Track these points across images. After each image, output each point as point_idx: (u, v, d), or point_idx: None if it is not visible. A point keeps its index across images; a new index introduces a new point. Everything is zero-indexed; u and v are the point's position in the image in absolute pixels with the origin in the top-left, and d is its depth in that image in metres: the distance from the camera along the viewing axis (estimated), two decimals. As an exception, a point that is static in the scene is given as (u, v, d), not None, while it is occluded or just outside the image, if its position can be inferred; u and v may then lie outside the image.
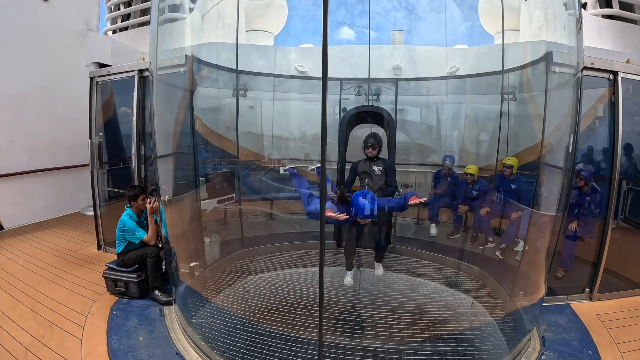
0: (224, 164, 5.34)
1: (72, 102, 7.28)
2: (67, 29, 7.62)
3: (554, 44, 3.62)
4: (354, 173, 4.59)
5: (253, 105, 5.86)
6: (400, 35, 5.77)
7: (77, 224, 6.99)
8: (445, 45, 5.60)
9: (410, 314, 3.95)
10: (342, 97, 5.68)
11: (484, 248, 5.07)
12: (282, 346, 3.34)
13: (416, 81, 5.78)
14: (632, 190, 4.65)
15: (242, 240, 5.50)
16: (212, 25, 4.72)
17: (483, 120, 5.63)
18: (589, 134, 4.59)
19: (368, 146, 4.42)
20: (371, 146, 4.41)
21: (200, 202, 4.55)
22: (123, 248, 4.38)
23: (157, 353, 3.37)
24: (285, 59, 5.81)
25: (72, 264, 5.16)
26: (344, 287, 4.39)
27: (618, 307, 4.33)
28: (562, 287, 4.57)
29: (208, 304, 4.16)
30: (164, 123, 3.90)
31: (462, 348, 3.45)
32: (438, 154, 5.87)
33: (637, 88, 4.38)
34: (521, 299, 3.95)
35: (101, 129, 5.68)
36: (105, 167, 5.82)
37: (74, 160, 7.54)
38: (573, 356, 3.45)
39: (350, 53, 5.71)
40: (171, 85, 4.13)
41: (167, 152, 3.98)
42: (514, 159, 4.81)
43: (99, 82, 5.61)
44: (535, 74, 4.08)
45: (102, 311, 4.01)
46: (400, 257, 5.38)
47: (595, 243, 4.47)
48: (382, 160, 4.50)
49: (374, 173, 4.43)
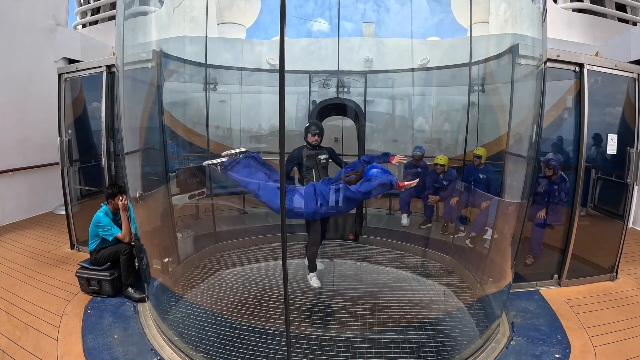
0: (194, 158, 5.28)
1: (42, 100, 7.09)
2: (35, 24, 7.38)
3: (520, 36, 3.70)
4: (292, 163, 4.27)
5: (224, 99, 5.81)
6: (371, 27, 5.79)
7: (49, 224, 6.86)
8: (416, 37, 5.64)
9: (382, 303, 4.01)
10: (312, 90, 5.66)
11: (455, 237, 5.16)
12: (255, 339, 3.36)
13: (385, 73, 5.81)
14: (600, 179, 4.77)
15: (215, 234, 5.47)
16: (181, 19, 4.66)
17: (452, 111, 5.70)
18: (558, 124, 4.68)
19: (314, 134, 4.20)
20: (317, 134, 4.21)
21: (171, 198, 4.51)
22: (96, 245, 4.34)
23: (132, 350, 3.37)
24: (255, 52, 5.77)
25: (46, 265, 5.08)
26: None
27: (587, 293, 4.44)
28: (531, 273, 4.67)
29: (181, 300, 4.15)
30: (131, 119, 3.85)
31: (433, 335, 3.52)
32: (408, 144, 5.90)
33: (605, 80, 4.50)
34: (490, 286, 4.04)
35: (71, 126, 5.56)
36: (77, 165, 5.71)
37: (44, 158, 7.35)
38: (542, 341, 3.53)
39: (319, 45, 5.70)
40: (139, 80, 4.07)
41: (135, 149, 3.93)
42: (482, 149, 4.90)
43: (67, 78, 5.47)
44: (502, 66, 4.16)
45: (76, 311, 3.98)
46: (372, 248, 5.44)
47: (563, 230, 4.58)
48: (324, 149, 4.35)
49: (320, 162, 4.26)
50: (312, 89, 5.73)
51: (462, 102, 5.00)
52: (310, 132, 4.22)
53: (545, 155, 4.61)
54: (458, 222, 5.19)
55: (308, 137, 4.23)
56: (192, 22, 4.92)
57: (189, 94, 5.34)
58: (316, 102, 5.30)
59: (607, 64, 4.47)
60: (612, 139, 4.55)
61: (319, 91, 5.69)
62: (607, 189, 4.81)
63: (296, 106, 6.01)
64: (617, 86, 4.65)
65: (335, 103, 5.02)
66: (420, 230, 5.66)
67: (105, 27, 10.96)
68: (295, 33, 6.12)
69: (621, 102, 4.71)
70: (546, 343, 3.50)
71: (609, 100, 4.72)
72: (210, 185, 5.20)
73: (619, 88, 4.66)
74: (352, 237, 5.39)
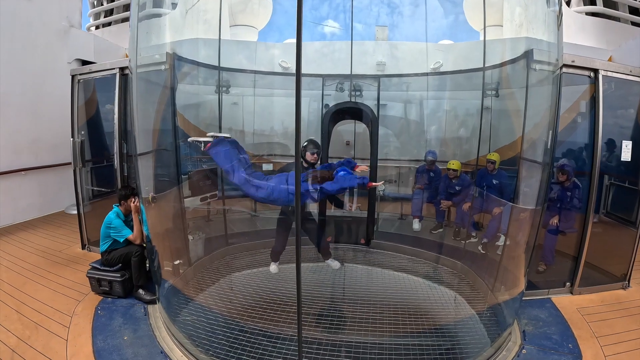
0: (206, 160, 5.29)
1: (55, 100, 7.16)
2: (49, 26, 7.48)
3: (535, 40, 3.66)
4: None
5: (237, 102, 5.81)
6: (384, 31, 5.77)
7: (61, 223, 6.91)
8: (430, 41, 5.61)
9: (393, 308, 3.97)
10: (325, 94, 5.64)
11: (466, 243, 5.11)
12: (266, 343, 3.35)
13: (399, 77, 5.78)
14: (613, 185, 4.71)
15: (226, 237, 5.48)
16: (194, 21, 4.68)
17: (466, 116, 5.66)
18: (572, 130, 4.63)
19: (313, 152, 4.20)
20: (316, 152, 4.21)
21: (183, 200, 4.53)
22: (107, 247, 4.35)
23: (142, 352, 3.37)
24: (269, 55, 5.77)
25: (57, 264, 5.11)
26: (327, 283, 4.39)
27: (599, 301, 4.37)
28: (543, 281, 4.61)
29: (192, 302, 4.15)
30: (144, 121, 3.87)
31: (444, 342, 3.49)
32: (421, 149, 5.87)
33: (619, 85, 4.44)
34: (502, 293, 3.99)
35: (84, 127, 5.60)
36: (89, 166, 5.75)
37: (57, 159, 7.42)
38: (553, 350, 3.48)
39: (333, 49, 5.69)
40: (152, 82, 4.09)
41: (148, 150, 3.95)
42: (496, 155, 4.86)
43: (80, 80, 5.52)
44: (516, 71, 4.12)
45: (87, 311, 3.99)
46: (384, 253, 5.39)
47: (576, 237, 4.51)
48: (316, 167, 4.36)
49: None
50: (325, 93, 5.71)
51: (476, 107, 4.96)
52: (309, 151, 4.21)
53: (559, 161, 4.56)
54: (470, 228, 5.15)
55: (307, 155, 4.21)
56: (205, 24, 4.93)
57: (201, 96, 5.36)
58: (329, 106, 5.28)
59: (621, 70, 4.41)
60: (626, 146, 4.48)
61: (333, 95, 5.67)
62: (620, 195, 4.75)
63: (308, 109, 6.01)
64: (631, 91, 4.58)
65: (349, 107, 4.99)
66: (431, 236, 5.62)
67: (118, 28, 11.07)
68: (309, 36, 6.13)
69: (635, 107, 4.64)
70: (557, 352, 3.45)
71: (623, 105, 4.66)
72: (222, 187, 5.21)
73: (633, 93, 4.59)
74: (364, 242, 5.37)
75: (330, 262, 4.61)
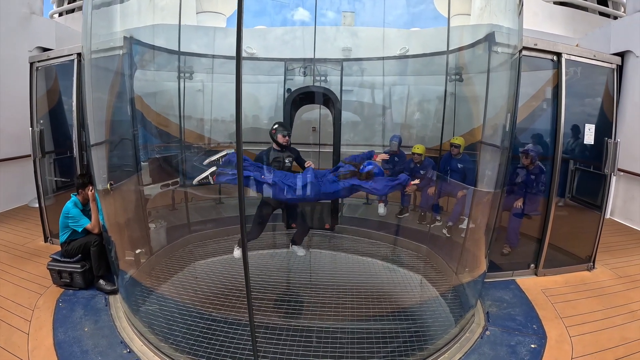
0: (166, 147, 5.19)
1: (16, 90, 6.85)
2: (9, 12, 7.15)
3: (496, 25, 3.67)
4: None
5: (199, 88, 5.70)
6: (351, 17, 5.72)
7: (24, 217, 6.71)
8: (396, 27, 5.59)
9: (358, 292, 3.98)
10: (288, 78, 5.57)
11: (431, 226, 5.15)
12: (226, 329, 3.34)
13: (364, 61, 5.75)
14: (579, 170, 4.79)
15: (189, 225, 5.41)
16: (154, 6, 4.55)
17: (429, 101, 5.67)
18: (539, 115, 4.67)
19: (284, 135, 4.17)
20: (288, 134, 4.18)
21: (142, 188, 4.43)
22: (67, 237, 4.25)
23: (102, 342, 3.33)
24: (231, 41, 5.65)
25: (19, 258, 4.99)
26: (291, 268, 4.37)
27: (563, 282, 4.44)
28: (507, 263, 4.68)
29: (151, 292, 4.10)
30: (99, 108, 3.74)
31: (408, 325, 3.51)
32: (386, 133, 5.86)
33: (584, 71, 4.49)
34: (464, 275, 4.03)
35: (46, 117, 5.43)
36: (52, 157, 5.59)
37: (20, 151, 7.13)
38: (517, 331, 3.51)
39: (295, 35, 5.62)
40: (109, 69, 3.96)
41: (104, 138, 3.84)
42: (461, 139, 4.89)
43: (39, 67, 5.33)
44: (478, 54, 4.13)
45: (48, 304, 3.92)
46: (349, 237, 5.40)
47: (540, 220, 4.59)
48: (289, 150, 4.31)
49: (285, 165, 4.22)
50: (287, 77, 5.63)
51: (440, 91, 4.97)
52: (280, 133, 4.17)
53: (525, 146, 4.61)
54: (433, 212, 5.18)
55: (278, 137, 4.17)
56: (165, 10, 4.80)
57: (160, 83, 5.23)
58: (291, 90, 5.21)
59: (585, 54, 4.46)
60: (589, 129, 4.56)
61: (294, 80, 5.60)
62: (586, 180, 4.82)
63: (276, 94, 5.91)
64: (596, 77, 4.65)
65: (310, 91, 4.94)
66: (397, 220, 5.64)
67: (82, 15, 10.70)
68: (277, 21, 6.04)
69: (600, 94, 4.72)
70: (522, 333, 3.49)
71: (588, 92, 4.72)
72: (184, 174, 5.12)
73: (597, 79, 4.66)
74: (328, 227, 5.37)
75: (297, 248, 4.59)
